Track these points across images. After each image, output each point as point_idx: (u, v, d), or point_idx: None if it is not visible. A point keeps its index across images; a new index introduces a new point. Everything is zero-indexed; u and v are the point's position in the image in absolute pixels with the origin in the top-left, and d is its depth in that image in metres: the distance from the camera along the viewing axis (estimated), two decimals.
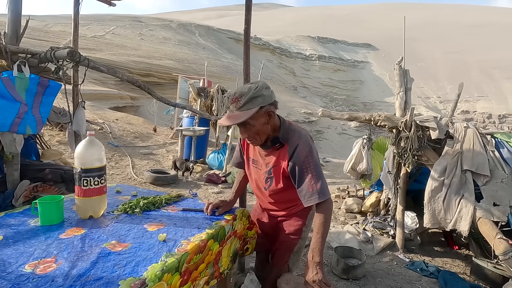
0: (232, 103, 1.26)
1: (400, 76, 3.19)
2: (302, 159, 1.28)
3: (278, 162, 1.36)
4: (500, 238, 2.44)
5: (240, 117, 1.22)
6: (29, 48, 2.42)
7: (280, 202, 1.48)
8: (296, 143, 1.30)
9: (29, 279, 0.84)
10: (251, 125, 1.26)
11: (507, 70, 36.39)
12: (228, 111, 1.29)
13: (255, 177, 1.50)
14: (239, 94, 1.25)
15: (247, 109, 1.22)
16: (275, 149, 1.36)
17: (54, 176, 2.99)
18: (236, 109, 1.24)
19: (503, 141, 2.80)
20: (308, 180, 1.26)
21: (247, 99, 1.22)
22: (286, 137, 1.35)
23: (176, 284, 0.99)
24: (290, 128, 1.37)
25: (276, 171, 1.38)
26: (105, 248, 1.04)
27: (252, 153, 1.50)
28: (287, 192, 1.40)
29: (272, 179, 1.40)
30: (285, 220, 1.52)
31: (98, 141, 1.31)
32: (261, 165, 1.44)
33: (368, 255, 2.90)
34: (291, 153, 1.30)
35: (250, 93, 1.23)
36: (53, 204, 1.21)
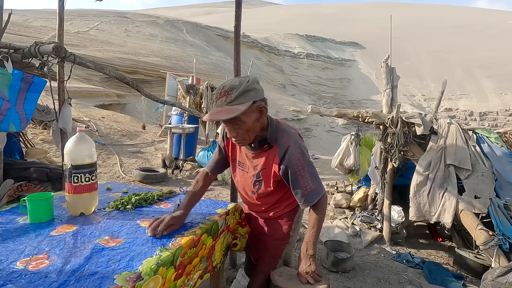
0: (221, 97, 1.13)
1: (387, 73, 3.27)
2: (294, 162, 1.21)
3: (268, 165, 1.28)
4: (480, 229, 2.55)
5: (232, 111, 1.10)
6: (11, 43, 2.34)
7: (268, 204, 1.40)
8: (287, 145, 1.22)
9: (21, 276, 0.83)
10: (242, 122, 1.15)
11: (488, 69, 37.70)
12: (214, 106, 1.15)
13: (241, 181, 1.40)
14: (229, 87, 1.13)
15: (239, 103, 1.11)
16: (263, 150, 1.27)
17: (39, 175, 2.92)
18: (226, 103, 1.11)
19: (483, 136, 2.92)
20: (303, 182, 1.22)
21: (240, 92, 1.11)
22: (275, 137, 1.25)
23: (171, 277, 1.00)
24: (278, 127, 1.28)
25: (266, 174, 1.29)
26: (98, 243, 1.03)
27: (238, 154, 1.39)
28: (276, 194, 1.35)
29: (261, 183, 1.32)
30: (271, 223, 1.43)
31: (89, 137, 1.30)
32: (248, 167, 1.35)
33: (357, 249, 2.97)
34: (282, 156, 1.23)
35: (242, 86, 1.12)
36: (42, 201, 1.19)
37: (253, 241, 1.53)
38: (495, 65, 38.18)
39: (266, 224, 1.45)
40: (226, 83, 1.16)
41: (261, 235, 1.46)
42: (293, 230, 1.43)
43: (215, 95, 1.16)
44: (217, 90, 1.17)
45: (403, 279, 2.50)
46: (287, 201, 1.38)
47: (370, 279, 2.45)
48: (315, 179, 1.24)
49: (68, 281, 0.81)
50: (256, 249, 1.50)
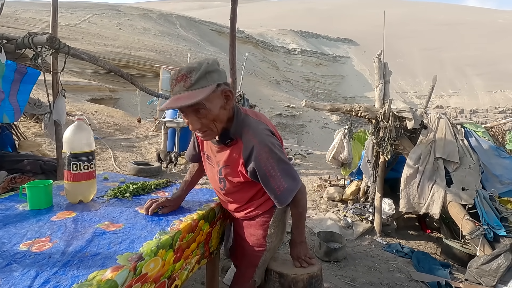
0: (178, 82, 0.97)
1: (379, 69, 3.33)
2: (262, 163, 1.08)
3: (231, 162, 1.14)
4: (467, 219, 2.65)
5: (194, 96, 0.94)
6: (4, 33, 2.32)
7: (239, 202, 1.26)
8: (251, 144, 1.07)
9: (25, 256, 0.85)
10: (206, 110, 0.99)
11: (478, 67, 38.33)
12: (172, 94, 1.01)
13: (210, 175, 1.28)
14: (187, 70, 0.97)
15: (201, 87, 0.96)
16: (226, 145, 1.13)
17: (33, 167, 2.91)
18: (185, 88, 0.96)
19: (471, 130, 3.02)
20: (274, 183, 1.10)
21: (200, 75, 0.96)
22: (240, 132, 1.10)
23: (170, 260, 1.04)
24: (245, 121, 1.11)
25: (229, 171, 1.16)
26: (98, 228, 1.06)
27: (205, 147, 1.26)
28: (246, 192, 1.22)
29: (224, 180, 1.20)
30: (247, 227, 1.29)
31: (87, 126, 1.31)
32: (213, 162, 1.22)
33: (349, 239, 3.06)
34: (247, 156, 1.09)
35: (202, 67, 0.97)
36: (42, 188, 1.21)
37: (234, 244, 1.40)
38: (485, 63, 38.84)
39: (243, 227, 1.31)
40: (183, 66, 1.01)
41: (239, 239, 1.33)
42: (270, 235, 1.27)
43: (170, 80, 1.00)
44: (172, 75, 1.00)
45: (392, 268, 2.59)
46: (259, 200, 1.24)
47: (361, 268, 2.53)
48: (288, 176, 1.12)
49: (72, 261, 0.84)
50: (234, 254, 1.39)
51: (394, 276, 2.47)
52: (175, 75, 0.99)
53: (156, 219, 1.18)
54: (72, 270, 0.80)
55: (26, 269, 0.79)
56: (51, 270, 0.79)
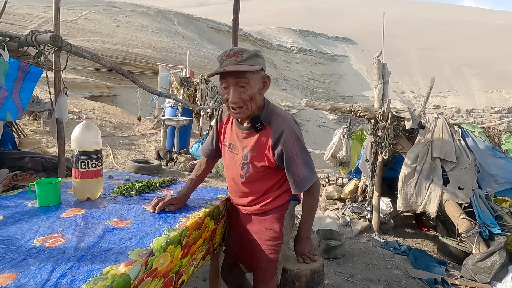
0: (229, 57, 1.10)
1: (378, 69, 3.38)
2: (289, 147, 1.16)
3: (258, 146, 1.21)
4: (463, 218, 2.70)
5: (244, 67, 1.08)
6: (7, 31, 2.32)
7: (256, 193, 1.28)
8: (281, 129, 1.17)
9: (40, 251, 0.88)
10: (248, 85, 1.10)
11: (475, 67, 38.57)
12: (222, 65, 1.11)
13: (230, 164, 1.32)
14: (238, 49, 1.12)
15: (249, 65, 1.09)
16: (255, 130, 1.20)
17: (34, 164, 2.92)
18: (236, 62, 1.08)
19: (468, 130, 3.07)
20: (296, 168, 1.18)
21: (251, 55, 1.10)
22: (269, 119, 1.20)
23: (178, 256, 1.07)
24: (274, 110, 1.23)
25: (255, 155, 1.22)
26: (108, 224, 1.09)
27: (229, 136, 1.32)
28: (266, 181, 1.26)
29: (248, 165, 1.24)
30: (261, 222, 1.30)
31: (95, 125, 1.34)
32: (238, 149, 1.27)
33: (347, 237, 3.10)
34: (276, 139, 1.17)
35: (252, 50, 1.12)
36: (51, 185, 1.24)
37: (235, 240, 1.39)
38: (482, 63, 39.10)
39: (255, 223, 1.31)
40: (233, 48, 1.16)
41: (251, 238, 1.32)
42: (285, 227, 1.31)
43: (221, 57, 1.13)
44: (223, 53, 1.13)
45: (390, 265, 2.64)
46: (276, 193, 1.28)
47: (359, 265, 2.58)
48: (307, 166, 1.20)
49: (86, 256, 0.87)
50: (248, 255, 1.34)
51: (392, 273, 2.52)
52: (226, 52, 1.11)
53: (163, 216, 1.21)
54: (87, 265, 0.83)
55: (42, 263, 0.82)
56: (67, 265, 0.82)
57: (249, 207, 1.32)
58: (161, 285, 1.00)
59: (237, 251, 1.40)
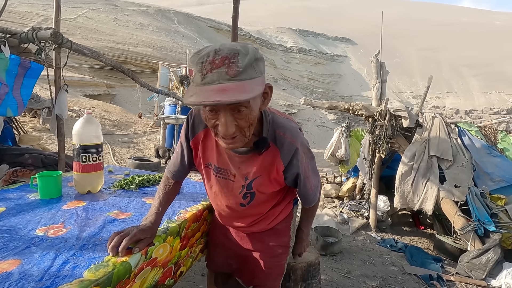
0: (217, 67, 0.69)
1: (376, 68, 3.41)
2: (303, 166, 0.96)
3: (263, 171, 0.96)
4: (459, 215, 2.74)
5: (245, 89, 0.69)
6: (8, 28, 2.34)
7: (257, 214, 1.09)
8: (294, 147, 0.92)
9: (42, 240, 0.90)
10: (248, 109, 0.75)
11: (474, 68, 38.66)
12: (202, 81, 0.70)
13: (223, 192, 1.04)
14: (229, 51, 0.70)
15: (250, 78, 0.71)
16: (258, 153, 0.93)
17: (34, 161, 2.94)
18: (230, 76, 0.69)
19: (465, 129, 3.11)
20: (309, 183, 1.03)
21: (249, 62, 0.71)
22: (272, 134, 0.92)
23: (177, 247, 1.09)
24: (275, 120, 0.93)
25: (261, 183, 0.98)
26: (109, 216, 1.11)
27: (214, 157, 0.99)
28: (270, 201, 1.08)
29: (253, 195, 1.00)
30: (263, 238, 1.14)
31: (95, 119, 1.36)
32: (234, 176, 0.99)
33: (344, 234, 3.14)
34: (288, 161, 0.93)
35: (250, 52, 0.72)
36: (52, 178, 1.26)
37: (230, 257, 1.22)
38: (481, 64, 39.19)
39: (258, 241, 1.14)
40: (216, 46, 0.72)
41: (253, 256, 1.16)
42: (292, 238, 1.19)
43: (201, 64, 0.70)
44: (203, 57, 0.71)
45: (386, 261, 2.67)
46: (280, 206, 1.12)
47: (356, 261, 2.61)
48: (315, 173, 1.06)
49: (87, 245, 0.90)
50: (249, 273, 1.20)
51: (388, 269, 2.55)
52: (210, 57, 0.70)
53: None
54: (88, 253, 0.85)
55: (45, 251, 0.84)
56: (69, 253, 0.85)
57: (250, 227, 1.12)
58: (160, 274, 1.03)
59: (235, 266, 1.23)
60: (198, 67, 0.72)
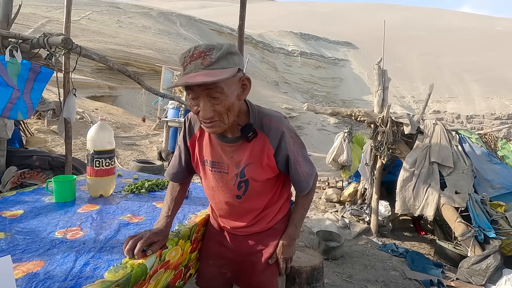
0: (194, 59, 0.83)
1: (379, 75, 3.46)
2: (291, 149, 1.02)
3: (255, 157, 1.01)
4: (459, 221, 2.77)
5: (214, 75, 0.81)
6: (20, 33, 2.40)
7: (255, 210, 1.10)
8: (280, 130, 1.00)
9: (62, 242, 0.95)
10: (223, 95, 0.86)
11: (476, 73, 38.74)
12: (183, 73, 0.86)
13: (219, 186, 1.07)
14: (205, 47, 0.84)
15: (222, 68, 0.83)
16: (246, 140, 0.99)
17: (41, 163, 2.99)
18: (203, 66, 0.82)
19: (465, 136, 3.15)
20: (300, 169, 1.05)
21: (221, 54, 0.83)
22: (259, 123, 1.00)
23: (187, 250, 1.14)
24: (261, 111, 1.02)
25: (253, 169, 1.02)
26: (122, 220, 1.16)
27: (209, 153, 1.06)
28: (266, 192, 1.09)
29: (247, 182, 1.03)
30: (262, 239, 1.13)
31: (108, 125, 1.41)
32: (228, 167, 1.04)
33: (346, 239, 3.17)
34: (277, 144, 1.00)
35: (224, 47, 0.85)
36: (67, 182, 1.31)
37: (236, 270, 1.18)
38: (483, 69, 39.27)
39: (256, 243, 1.13)
40: (199, 44, 0.87)
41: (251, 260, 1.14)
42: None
43: (183, 58, 0.86)
44: (185, 53, 0.87)
45: (387, 266, 2.70)
46: (278, 204, 1.13)
47: (358, 266, 2.65)
48: (307, 161, 1.09)
49: (105, 247, 0.94)
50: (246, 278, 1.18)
51: (389, 274, 2.58)
52: (190, 52, 0.85)
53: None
54: (107, 255, 0.90)
55: (66, 253, 0.89)
56: (88, 255, 0.89)
57: (250, 227, 1.12)
58: (172, 277, 1.07)
59: (229, 275, 1.20)
60: (181, 62, 0.88)
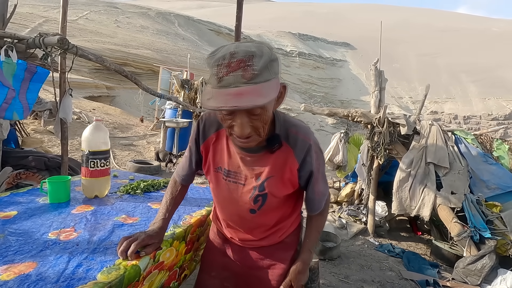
0: (233, 70, 0.70)
1: (375, 76, 3.47)
2: (316, 164, 0.93)
3: (277, 171, 0.92)
4: (455, 222, 2.79)
5: (261, 93, 0.70)
6: (16, 33, 2.39)
7: (267, 224, 1.02)
8: (307, 144, 0.91)
9: (56, 244, 0.95)
10: (263, 110, 0.77)
11: (473, 74, 38.96)
12: (218, 84, 0.71)
13: (232, 197, 0.99)
14: (244, 54, 0.70)
15: (265, 80, 0.71)
16: (270, 151, 0.90)
17: (37, 163, 2.98)
18: (246, 80, 0.70)
19: (461, 137, 3.17)
20: (317, 186, 0.98)
21: (264, 64, 0.71)
22: (285, 133, 0.91)
23: (182, 251, 1.14)
24: (287, 120, 0.93)
25: (274, 183, 0.93)
26: (117, 220, 1.16)
27: (225, 160, 0.97)
28: (281, 208, 1.01)
29: (265, 197, 0.95)
30: (271, 253, 1.06)
31: (104, 126, 1.41)
32: (245, 178, 0.95)
33: (343, 239, 3.18)
34: (302, 159, 0.91)
35: (265, 53, 0.72)
36: (62, 183, 1.30)
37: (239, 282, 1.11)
38: (480, 70, 39.50)
39: (265, 257, 1.07)
40: (230, 47, 0.72)
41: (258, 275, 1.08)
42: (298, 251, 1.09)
43: (217, 66, 0.72)
44: (219, 59, 0.71)
45: (384, 267, 2.71)
46: (291, 218, 1.06)
47: (354, 266, 2.65)
48: (324, 179, 1.01)
49: (98, 249, 0.94)
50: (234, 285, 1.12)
51: (386, 274, 2.59)
52: (225, 60, 0.70)
53: None
54: (100, 256, 0.90)
55: (59, 254, 0.89)
56: (81, 256, 0.89)
57: (260, 241, 1.05)
58: (166, 277, 1.07)
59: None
60: (214, 70, 0.73)
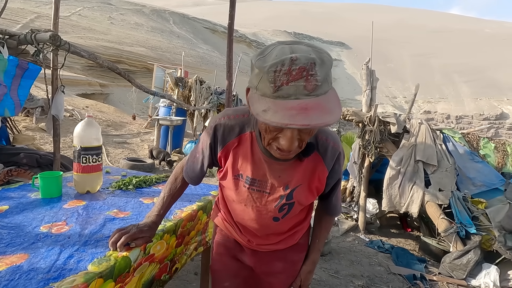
0: (295, 79, 0.61)
1: (367, 75, 3.53)
2: (340, 172, 0.95)
3: (305, 178, 0.89)
4: (442, 218, 2.86)
5: (327, 110, 0.62)
6: (7, 29, 2.37)
7: (284, 230, 1.01)
8: (337, 152, 0.89)
9: (47, 237, 0.97)
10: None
11: (465, 75, 39.52)
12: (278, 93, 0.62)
13: (255, 206, 0.93)
14: (306, 60, 0.61)
15: (325, 92, 0.64)
16: (299, 159, 0.86)
17: (29, 160, 2.97)
18: (308, 91, 0.62)
19: (449, 136, 3.24)
20: (339, 192, 1.01)
21: (326, 73, 0.64)
22: (315, 140, 0.87)
23: (172, 244, 1.17)
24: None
25: (302, 192, 0.90)
26: (108, 215, 1.18)
27: (249, 168, 0.89)
28: (302, 214, 1.02)
29: (292, 206, 0.91)
30: (286, 255, 1.05)
31: (96, 122, 1.43)
32: (271, 186, 0.89)
33: (334, 236, 3.23)
34: (331, 166, 0.89)
35: (326, 61, 0.64)
36: (54, 178, 1.32)
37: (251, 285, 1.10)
38: (472, 71, 40.08)
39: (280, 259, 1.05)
40: (285, 50, 0.63)
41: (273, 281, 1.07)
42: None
43: (274, 73, 0.62)
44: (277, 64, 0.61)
45: (373, 262, 2.77)
46: (308, 219, 1.06)
47: (345, 262, 2.71)
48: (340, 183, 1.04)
49: (89, 241, 0.96)
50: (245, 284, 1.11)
51: (375, 269, 2.65)
52: (285, 66, 0.61)
53: None
54: (91, 248, 0.92)
55: (50, 246, 0.91)
56: (73, 248, 0.91)
57: (276, 244, 1.03)
58: (157, 270, 1.10)
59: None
60: (269, 76, 0.63)
